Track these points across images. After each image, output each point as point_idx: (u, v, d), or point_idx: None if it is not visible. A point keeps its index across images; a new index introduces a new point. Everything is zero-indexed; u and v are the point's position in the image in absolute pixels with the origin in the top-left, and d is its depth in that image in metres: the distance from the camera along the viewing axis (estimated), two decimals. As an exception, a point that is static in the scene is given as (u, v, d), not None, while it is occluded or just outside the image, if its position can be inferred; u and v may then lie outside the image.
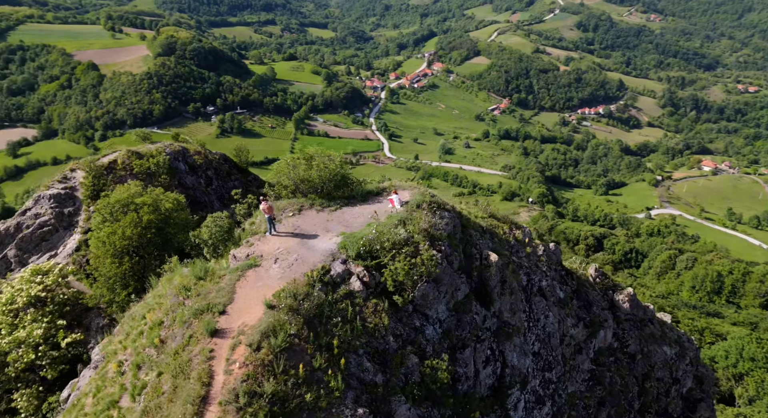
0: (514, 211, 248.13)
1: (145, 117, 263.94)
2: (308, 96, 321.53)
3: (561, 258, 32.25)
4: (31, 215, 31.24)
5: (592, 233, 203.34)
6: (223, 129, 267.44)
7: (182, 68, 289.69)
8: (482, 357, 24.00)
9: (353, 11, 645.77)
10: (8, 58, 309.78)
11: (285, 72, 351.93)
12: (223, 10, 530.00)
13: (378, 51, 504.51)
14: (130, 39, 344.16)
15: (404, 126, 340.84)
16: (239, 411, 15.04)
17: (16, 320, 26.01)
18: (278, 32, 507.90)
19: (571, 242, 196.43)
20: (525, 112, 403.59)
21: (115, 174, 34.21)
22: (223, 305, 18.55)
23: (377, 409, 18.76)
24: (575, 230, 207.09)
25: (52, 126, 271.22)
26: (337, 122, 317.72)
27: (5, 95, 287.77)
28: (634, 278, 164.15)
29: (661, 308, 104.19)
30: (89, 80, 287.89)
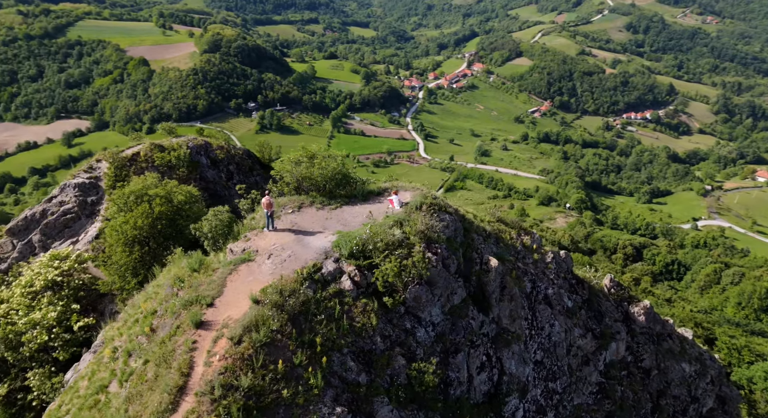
0: (550, 216, 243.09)
1: (190, 112, 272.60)
2: (346, 94, 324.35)
3: (572, 266, 31.34)
4: (56, 202, 32.84)
5: (631, 242, 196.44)
6: (263, 125, 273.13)
7: (226, 65, 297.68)
8: (477, 363, 23.63)
9: (395, 11, 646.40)
10: (67, 53, 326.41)
11: (325, 70, 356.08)
12: (269, 8, 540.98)
13: (418, 51, 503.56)
14: (179, 36, 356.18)
15: (441, 126, 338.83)
16: (213, 403, 15.34)
17: (34, 302, 27.35)
18: (320, 31, 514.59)
19: (609, 251, 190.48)
20: (567, 116, 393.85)
21: (137, 166, 35.47)
22: (211, 297, 18.97)
23: (358, 409, 18.77)
24: (613, 238, 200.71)
25: (105, 118, 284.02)
26: (374, 121, 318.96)
27: (63, 88, 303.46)
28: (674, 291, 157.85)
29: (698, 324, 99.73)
30: (140, 75, 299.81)
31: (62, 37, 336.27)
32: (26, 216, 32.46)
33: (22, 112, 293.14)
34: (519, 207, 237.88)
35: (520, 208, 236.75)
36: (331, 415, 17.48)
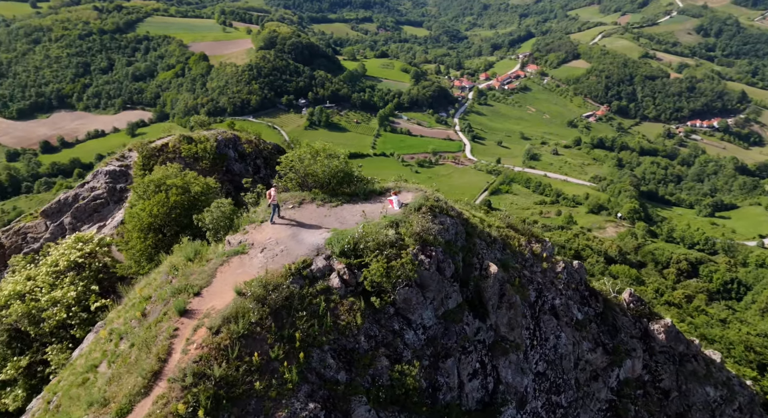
0: (599, 225, 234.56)
1: (243, 106, 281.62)
2: (395, 93, 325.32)
3: (585, 277, 30.12)
4: (88, 187, 34.81)
5: (686, 257, 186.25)
6: (312, 121, 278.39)
7: (280, 62, 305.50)
8: (468, 369, 23.18)
9: (450, 10, 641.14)
10: (135, 48, 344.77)
11: (375, 69, 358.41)
12: (325, 6, 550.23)
13: (470, 51, 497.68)
14: (237, 33, 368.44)
15: (489, 128, 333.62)
16: (183, 390, 15.80)
17: (57, 281, 29.06)
18: (374, 30, 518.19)
19: (660, 265, 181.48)
20: (624, 121, 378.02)
21: (165, 156, 36.96)
22: (199, 287, 19.55)
23: (334, 406, 18.83)
24: (666, 252, 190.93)
25: (165, 110, 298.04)
26: (421, 121, 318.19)
27: (130, 80, 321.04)
28: (731, 312, 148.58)
29: (750, 347, 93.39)
30: (199, 70, 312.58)
31: (132, 32, 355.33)
32: (60, 199, 34.63)
33: (92, 102, 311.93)
34: (566, 214, 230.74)
35: (568, 215, 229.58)
36: (303, 410, 17.62)
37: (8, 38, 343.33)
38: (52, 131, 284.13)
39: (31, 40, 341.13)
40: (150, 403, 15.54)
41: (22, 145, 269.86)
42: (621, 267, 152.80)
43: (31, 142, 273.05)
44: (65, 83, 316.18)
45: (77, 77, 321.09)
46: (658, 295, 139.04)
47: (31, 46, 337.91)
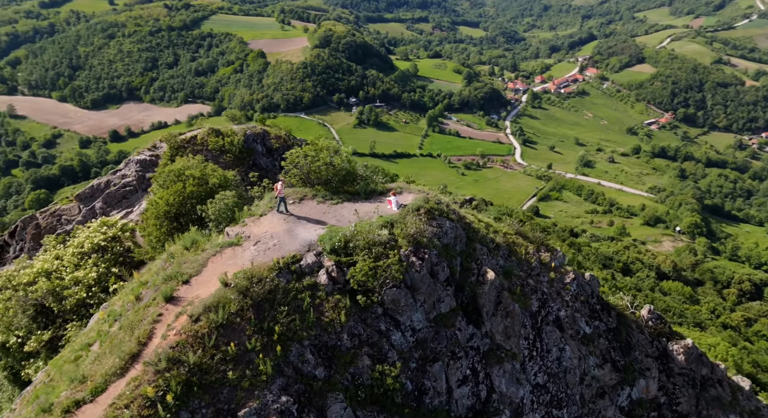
0: (655, 238, 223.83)
1: (296, 103, 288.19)
2: (445, 94, 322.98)
3: (598, 290, 28.78)
4: (120, 175, 36.74)
5: (750, 278, 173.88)
6: (361, 120, 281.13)
7: (334, 60, 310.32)
8: (457, 375, 22.73)
9: (509, 11, 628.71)
10: (199, 44, 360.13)
11: (427, 69, 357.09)
12: (382, 6, 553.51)
13: (527, 53, 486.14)
14: (295, 31, 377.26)
15: (542, 132, 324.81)
16: (156, 374, 16.38)
17: (81, 261, 30.84)
18: (429, 30, 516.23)
19: (720, 284, 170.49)
20: (690, 130, 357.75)
21: (193, 148, 38.40)
22: (189, 275, 20.21)
23: (309, 401, 18.98)
24: (728, 271, 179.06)
25: (223, 104, 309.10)
26: (471, 122, 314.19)
27: (193, 75, 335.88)
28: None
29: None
30: (257, 67, 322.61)
31: (197, 29, 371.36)
32: (93, 185, 36.76)
33: (158, 95, 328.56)
34: (619, 225, 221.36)
35: (620, 226, 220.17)
36: (275, 403, 17.87)
37: (87, 33, 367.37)
38: (121, 121, 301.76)
39: (107, 35, 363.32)
40: (124, 384, 16.22)
41: (94, 134, 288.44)
42: (674, 284, 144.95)
43: (101, 131, 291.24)
44: (135, 77, 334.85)
45: (146, 71, 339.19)
46: (713, 315, 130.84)
47: (106, 40, 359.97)
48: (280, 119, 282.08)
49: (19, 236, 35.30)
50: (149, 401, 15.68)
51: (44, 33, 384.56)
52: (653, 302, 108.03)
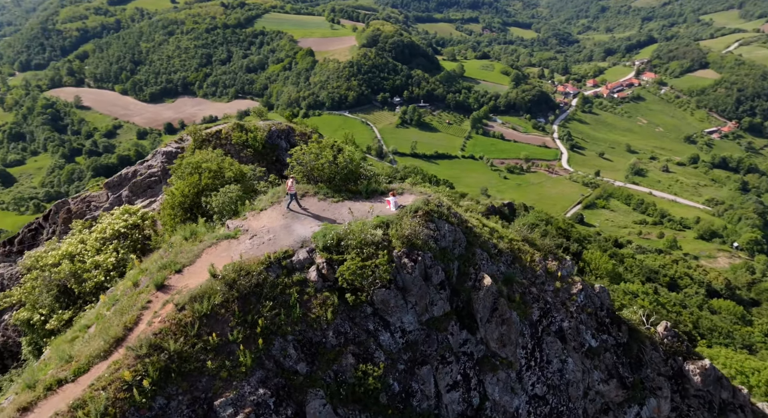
0: (709, 253, 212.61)
1: (341, 101, 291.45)
2: (491, 96, 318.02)
3: (608, 303, 27.56)
4: (146, 165, 38.26)
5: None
6: (404, 120, 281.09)
7: (380, 59, 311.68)
8: (447, 380, 22.35)
9: (563, 12, 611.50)
10: (251, 41, 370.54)
11: (474, 70, 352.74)
12: (432, 6, 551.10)
13: (580, 55, 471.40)
14: (344, 30, 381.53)
15: (591, 138, 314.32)
16: (137, 358, 16.93)
17: (102, 246, 32.29)
18: (478, 30, 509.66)
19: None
20: (756, 141, 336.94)
21: (217, 142, 39.48)
22: (182, 265, 20.78)
23: (288, 395, 19.14)
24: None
25: (271, 101, 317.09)
26: (516, 125, 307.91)
27: (244, 72, 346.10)
28: None
29: None
30: (305, 64, 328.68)
31: (250, 27, 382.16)
32: (121, 174, 38.46)
33: (210, 90, 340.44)
34: (670, 237, 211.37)
35: (671, 238, 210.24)
36: (252, 394, 18.12)
37: (149, 30, 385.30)
38: (176, 115, 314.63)
39: (167, 32, 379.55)
40: (105, 366, 16.86)
41: (150, 126, 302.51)
42: (725, 302, 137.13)
43: (157, 124, 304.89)
44: (190, 72, 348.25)
45: (200, 67, 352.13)
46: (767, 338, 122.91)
47: (166, 37, 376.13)
48: (324, 117, 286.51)
49: (52, 219, 37.43)
50: (126, 385, 16.24)
51: (111, 29, 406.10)
52: (698, 320, 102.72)
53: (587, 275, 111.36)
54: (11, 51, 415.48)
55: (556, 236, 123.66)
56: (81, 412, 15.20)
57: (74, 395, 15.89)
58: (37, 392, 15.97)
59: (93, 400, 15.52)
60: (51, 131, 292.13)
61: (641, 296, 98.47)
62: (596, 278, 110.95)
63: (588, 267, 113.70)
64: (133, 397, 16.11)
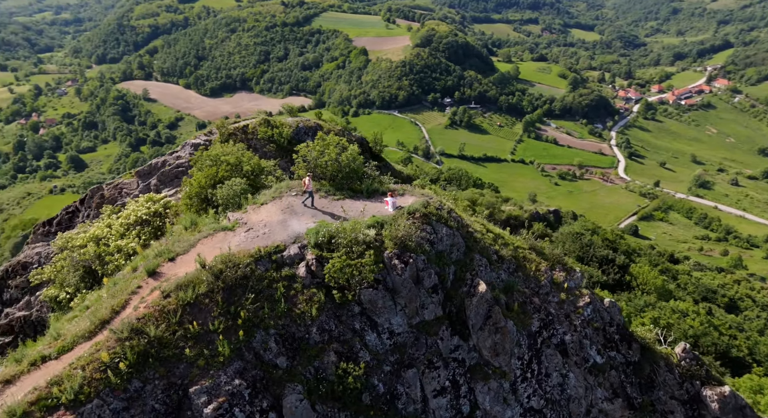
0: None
1: (391, 100, 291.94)
2: (546, 99, 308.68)
3: (619, 318, 26.01)
4: (175, 156, 39.71)
5: None
6: (453, 121, 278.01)
7: (432, 60, 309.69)
8: (434, 385, 21.88)
9: (630, 13, 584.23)
10: (308, 40, 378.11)
11: (529, 72, 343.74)
12: (490, 6, 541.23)
13: (646, 59, 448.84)
14: (399, 29, 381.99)
15: (652, 146, 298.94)
16: (117, 341, 17.57)
17: (126, 231, 33.82)
18: (537, 31, 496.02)
19: None
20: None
21: (244, 136, 40.47)
22: (176, 254, 21.39)
23: (265, 388, 19.31)
24: None
25: (323, 99, 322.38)
26: (571, 130, 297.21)
27: (299, 69, 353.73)
28: None
29: None
30: (358, 63, 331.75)
31: (307, 25, 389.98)
32: (151, 163, 40.14)
33: (266, 87, 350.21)
34: (735, 256, 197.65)
35: (736, 257, 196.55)
36: (227, 384, 18.39)
37: (213, 27, 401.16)
38: (233, 109, 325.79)
39: (229, 29, 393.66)
40: (88, 347, 17.59)
41: (209, 119, 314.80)
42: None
43: (215, 117, 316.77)
44: (248, 68, 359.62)
45: (258, 63, 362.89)
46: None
47: (228, 34, 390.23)
48: (373, 116, 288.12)
49: (87, 203, 39.61)
50: (104, 366, 16.86)
51: (179, 26, 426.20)
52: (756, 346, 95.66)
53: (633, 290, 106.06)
54: (90, 45, 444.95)
55: (601, 247, 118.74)
56: (57, 388, 15.92)
57: (54, 371, 16.67)
58: (21, 366, 16.87)
59: (70, 378, 16.21)
60: (120, 121, 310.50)
61: (691, 315, 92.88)
62: (642, 293, 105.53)
63: (635, 281, 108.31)
64: (109, 378, 16.70)
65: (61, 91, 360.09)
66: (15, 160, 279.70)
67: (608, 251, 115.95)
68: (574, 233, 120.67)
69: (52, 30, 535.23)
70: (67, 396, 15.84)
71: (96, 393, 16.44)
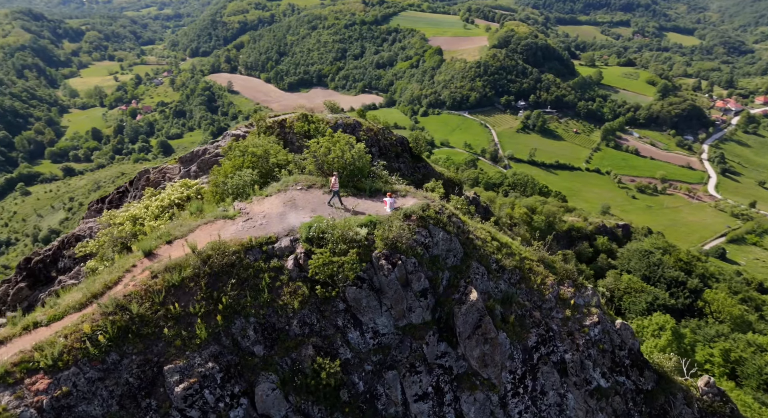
0: None
1: (461, 101, 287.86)
2: (630, 107, 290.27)
3: (633, 343, 23.90)
4: (215, 145, 41.49)
5: None
6: (526, 125, 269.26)
7: (509, 61, 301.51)
8: (415, 389, 21.36)
9: (738, 17, 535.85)
10: (384, 38, 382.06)
11: (614, 78, 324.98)
12: (577, 7, 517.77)
13: (752, 68, 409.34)
14: (477, 30, 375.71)
15: (751, 163, 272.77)
16: (102, 315, 18.63)
17: (161, 213, 35.84)
18: (628, 35, 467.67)
19: None
20: None
21: (281, 130, 41.56)
22: (174, 237, 22.32)
23: (239, 374, 19.72)
24: None
25: (394, 97, 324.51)
26: (656, 141, 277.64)
27: (373, 67, 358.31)
28: None
29: None
30: (431, 63, 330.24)
31: (385, 24, 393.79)
32: (193, 151, 42.20)
33: (341, 84, 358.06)
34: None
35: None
36: (201, 366, 18.96)
37: (296, 24, 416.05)
38: (307, 104, 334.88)
39: (311, 26, 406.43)
40: (76, 317, 18.78)
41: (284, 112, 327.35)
42: None
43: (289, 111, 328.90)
44: (325, 65, 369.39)
45: (335, 60, 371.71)
46: None
47: (309, 31, 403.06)
48: (443, 116, 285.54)
49: (135, 185, 42.43)
50: (84, 337, 17.93)
51: (265, 22, 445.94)
52: None
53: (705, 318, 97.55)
54: (186, 39, 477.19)
55: (672, 268, 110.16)
56: (38, 353, 17.13)
57: (41, 337, 17.96)
58: (15, 329, 18.33)
59: (52, 344, 17.40)
60: (205, 111, 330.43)
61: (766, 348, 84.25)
62: (715, 321, 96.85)
63: (708, 308, 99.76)
64: (88, 348, 17.74)
65: (158, 81, 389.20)
66: (114, 142, 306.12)
67: (680, 273, 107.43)
68: (641, 251, 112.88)
69: (155, 24, 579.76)
70: (46, 361, 17.01)
71: (74, 361, 17.53)
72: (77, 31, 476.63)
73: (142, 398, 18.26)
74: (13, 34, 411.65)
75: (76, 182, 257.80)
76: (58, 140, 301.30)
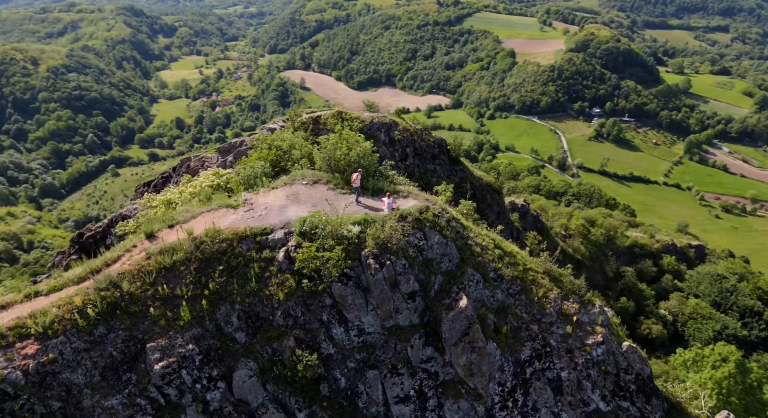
0: None
1: (531, 106, 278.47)
2: (721, 119, 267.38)
3: (642, 368, 21.93)
4: (252, 138, 42.76)
5: None
6: (599, 133, 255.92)
7: (586, 66, 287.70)
8: (396, 391, 20.98)
9: None
10: (456, 39, 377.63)
11: (704, 87, 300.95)
12: (669, 11, 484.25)
13: None
14: (554, 33, 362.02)
15: None
16: (96, 290, 19.67)
17: (192, 199, 37.42)
18: (725, 41, 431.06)
19: None
20: None
21: (315, 126, 42.16)
22: (177, 222, 23.16)
23: (220, 358, 20.17)
24: None
25: (461, 99, 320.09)
26: (749, 158, 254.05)
27: (442, 68, 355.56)
28: None
29: None
30: (503, 66, 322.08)
31: (458, 25, 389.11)
32: (231, 142, 43.71)
33: (408, 84, 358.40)
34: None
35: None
36: (181, 347, 19.56)
37: (369, 23, 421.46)
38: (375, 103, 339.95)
39: (384, 26, 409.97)
40: (72, 290, 19.94)
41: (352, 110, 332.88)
42: None
43: (357, 109, 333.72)
44: (395, 65, 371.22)
45: (405, 60, 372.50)
46: None
47: (382, 31, 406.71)
48: (510, 120, 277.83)
49: (177, 171, 44.65)
50: (76, 309, 19.01)
51: (341, 21, 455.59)
52: None
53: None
54: (266, 36, 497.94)
55: (747, 296, 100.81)
56: (31, 320, 18.36)
57: (38, 306, 19.23)
58: (18, 296, 19.75)
59: (44, 313, 18.58)
60: (278, 106, 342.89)
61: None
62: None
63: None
64: (77, 320, 18.80)
65: (237, 76, 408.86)
66: (194, 132, 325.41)
67: (756, 302, 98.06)
68: (714, 275, 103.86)
69: (239, 22, 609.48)
70: (37, 328, 18.19)
71: (63, 331, 18.62)
72: (171, 26, 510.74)
73: (123, 371, 19.10)
74: (116, 28, 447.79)
75: (158, 167, 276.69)
76: (147, 128, 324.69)
